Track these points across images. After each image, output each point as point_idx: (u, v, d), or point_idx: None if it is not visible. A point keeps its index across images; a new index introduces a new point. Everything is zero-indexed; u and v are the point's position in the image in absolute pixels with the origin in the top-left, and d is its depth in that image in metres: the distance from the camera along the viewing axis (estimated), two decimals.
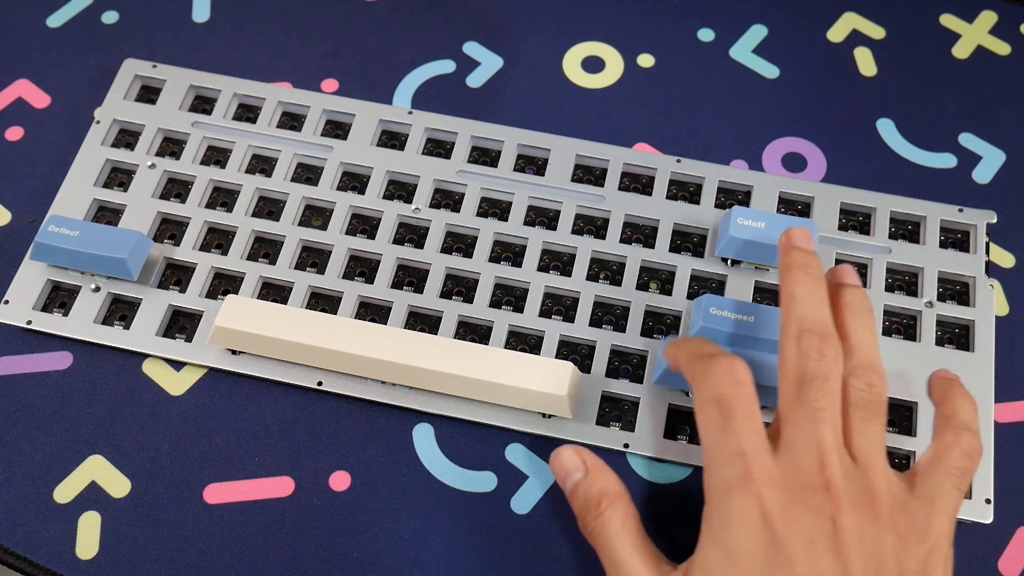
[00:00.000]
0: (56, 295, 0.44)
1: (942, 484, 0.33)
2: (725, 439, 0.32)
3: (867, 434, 0.33)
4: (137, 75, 0.49)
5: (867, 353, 0.35)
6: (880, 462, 0.33)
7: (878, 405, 0.34)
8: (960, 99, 0.49)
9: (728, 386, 0.33)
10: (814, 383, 0.33)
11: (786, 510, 0.31)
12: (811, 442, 0.32)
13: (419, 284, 0.43)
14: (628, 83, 0.50)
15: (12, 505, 0.40)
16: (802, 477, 0.32)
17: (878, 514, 0.32)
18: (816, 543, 0.30)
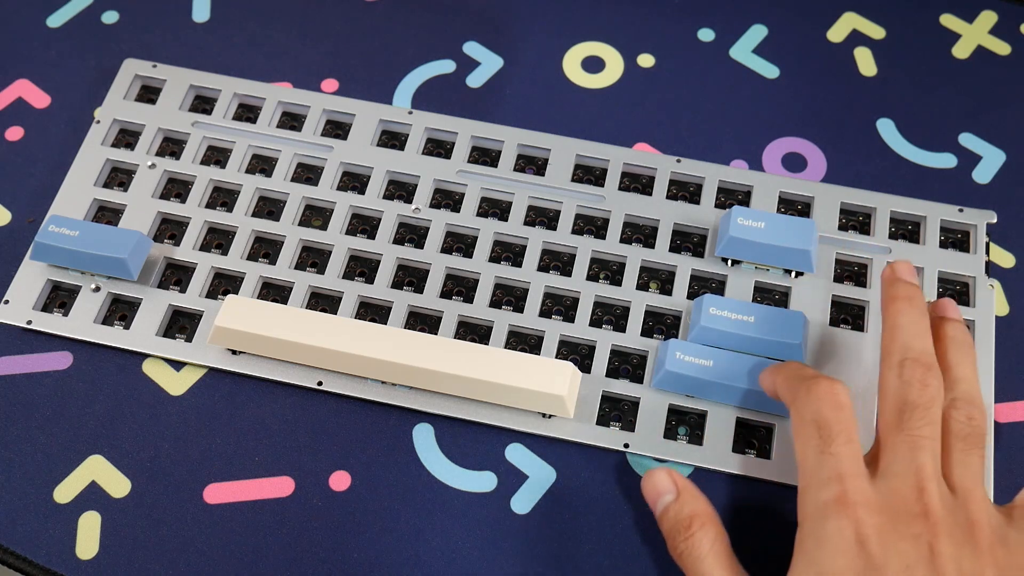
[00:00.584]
0: (56, 295, 0.44)
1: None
2: (823, 461, 0.32)
3: (967, 465, 0.33)
4: (137, 75, 0.49)
5: (968, 387, 0.35)
6: (980, 494, 0.33)
7: (978, 438, 0.34)
8: (960, 99, 0.49)
9: (829, 409, 0.33)
10: (916, 411, 0.33)
11: (883, 535, 0.31)
12: (910, 469, 0.32)
13: (419, 284, 0.43)
14: (628, 83, 0.50)
15: (12, 505, 0.40)
16: (900, 503, 0.31)
17: (977, 545, 0.31)
18: (913, 569, 0.30)
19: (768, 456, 0.39)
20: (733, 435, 0.40)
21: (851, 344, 0.42)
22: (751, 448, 0.40)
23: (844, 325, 0.43)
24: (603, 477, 0.40)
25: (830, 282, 0.43)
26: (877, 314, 0.42)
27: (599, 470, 0.40)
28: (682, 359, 0.39)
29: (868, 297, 0.43)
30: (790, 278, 0.43)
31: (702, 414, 0.40)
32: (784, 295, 0.43)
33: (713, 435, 0.40)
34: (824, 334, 0.42)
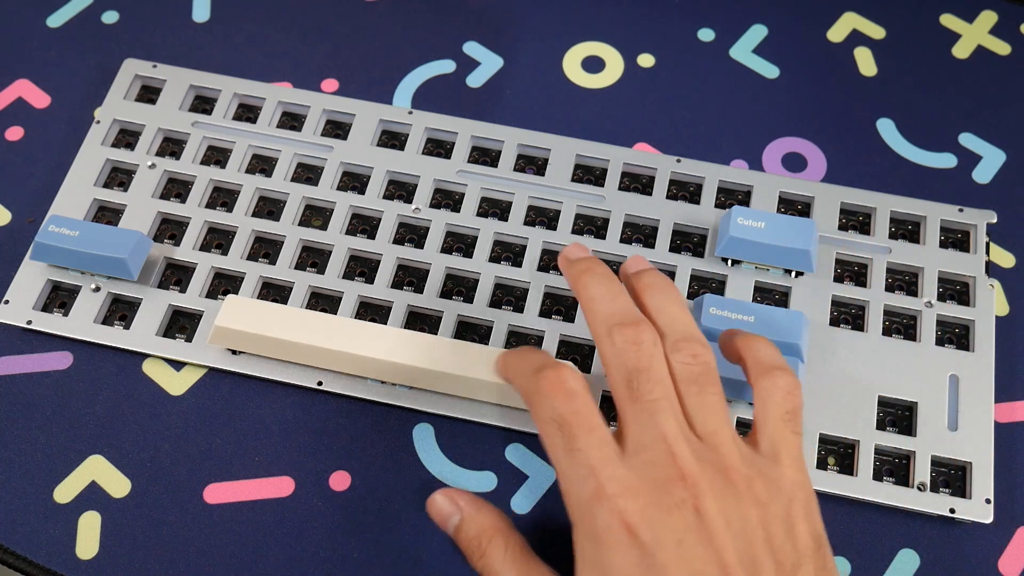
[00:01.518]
0: (56, 295, 0.44)
1: (780, 434, 0.33)
2: (573, 459, 0.31)
3: (705, 407, 0.33)
4: (137, 75, 0.49)
5: (681, 326, 0.34)
6: (726, 432, 0.32)
7: (708, 373, 0.33)
8: (960, 99, 0.49)
9: (562, 402, 0.32)
10: (640, 376, 0.32)
11: (648, 516, 0.30)
12: (656, 436, 0.32)
13: (419, 284, 0.43)
14: (628, 83, 0.50)
15: (12, 505, 0.40)
16: (656, 474, 0.31)
17: (736, 488, 0.31)
18: (685, 541, 0.30)
19: None
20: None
21: (851, 344, 0.42)
22: None
23: (844, 325, 0.43)
24: None
25: (830, 282, 0.43)
26: (877, 314, 0.42)
27: None
28: None
29: (868, 297, 0.43)
30: (790, 278, 0.43)
31: None
32: (784, 295, 0.43)
33: None
34: (824, 334, 0.42)
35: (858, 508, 0.39)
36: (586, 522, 0.31)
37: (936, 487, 0.39)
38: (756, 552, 0.30)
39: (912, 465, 0.39)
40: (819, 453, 0.40)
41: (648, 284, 0.36)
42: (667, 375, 0.33)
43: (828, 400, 0.40)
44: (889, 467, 0.40)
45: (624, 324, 0.33)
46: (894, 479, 0.39)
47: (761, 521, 0.31)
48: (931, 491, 0.39)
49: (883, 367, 0.41)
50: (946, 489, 0.39)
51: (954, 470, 0.40)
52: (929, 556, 0.39)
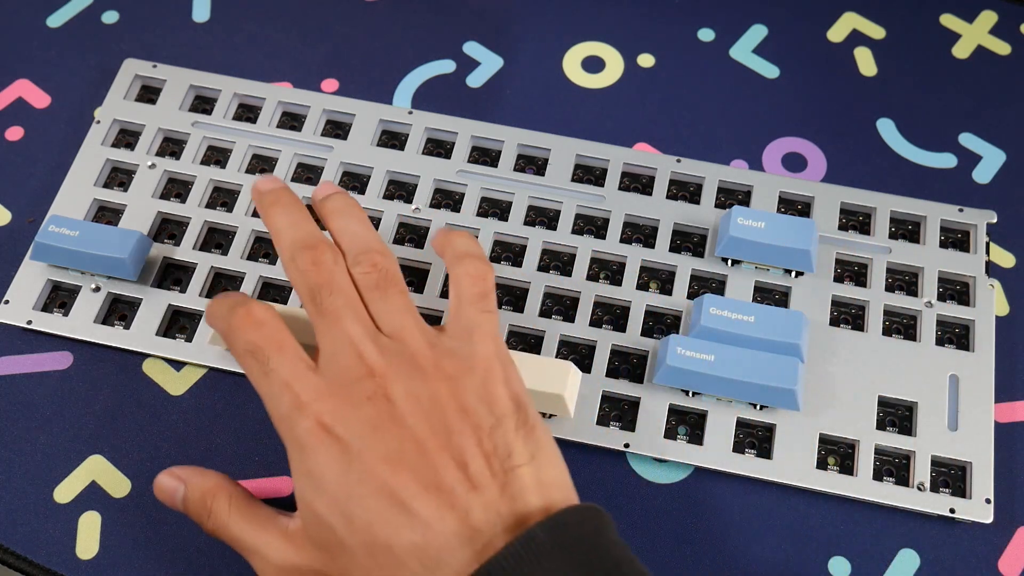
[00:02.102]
0: (56, 295, 0.44)
1: (470, 315, 0.35)
2: (269, 380, 0.33)
3: (389, 308, 0.34)
4: (137, 75, 0.49)
5: (361, 241, 0.36)
6: (410, 324, 0.34)
7: (389, 278, 0.35)
8: (960, 99, 0.49)
9: (252, 331, 0.33)
10: (322, 291, 0.34)
11: (342, 414, 0.32)
12: (343, 341, 0.33)
13: (419, 284, 0.43)
14: (628, 83, 0.50)
15: (12, 505, 0.40)
16: (346, 375, 0.32)
17: (423, 369, 0.33)
18: (378, 428, 0.31)
19: (768, 456, 0.39)
20: (733, 435, 0.40)
21: (851, 344, 0.42)
22: (751, 448, 0.40)
23: (844, 325, 0.43)
24: (603, 477, 0.40)
25: (830, 282, 0.43)
26: (877, 314, 0.42)
27: (599, 470, 0.40)
28: (683, 354, 0.39)
29: (868, 297, 0.43)
30: (790, 278, 0.43)
31: (702, 414, 0.40)
32: (784, 295, 0.43)
33: (713, 435, 0.40)
34: (824, 334, 0.42)
35: (858, 508, 0.39)
36: (290, 434, 0.32)
37: (936, 487, 0.39)
38: (449, 422, 0.32)
39: (912, 465, 0.39)
40: (819, 453, 0.40)
41: (331, 209, 0.38)
42: (349, 286, 0.35)
43: (828, 400, 0.40)
44: (889, 467, 0.40)
45: (305, 247, 0.35)
46: (894, 479, 0.39)
47: (452, 394, 0.32)
48: (931, 491, 0.39)
49: (883, 367, 0.41)
50: (946, 489, 0.39)
51: (954, 470, 0.40)
52: (929, 556, 0.39)
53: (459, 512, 0.30)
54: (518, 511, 0.31)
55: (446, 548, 0.30)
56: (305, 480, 0.32)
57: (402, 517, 0.30)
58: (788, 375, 0.39)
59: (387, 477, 0.31)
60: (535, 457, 0.32)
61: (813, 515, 0.39)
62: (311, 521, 0.32)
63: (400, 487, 0.31)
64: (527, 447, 0.32)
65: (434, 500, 0.30)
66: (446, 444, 0.31)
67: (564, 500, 0.32)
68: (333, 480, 0.31)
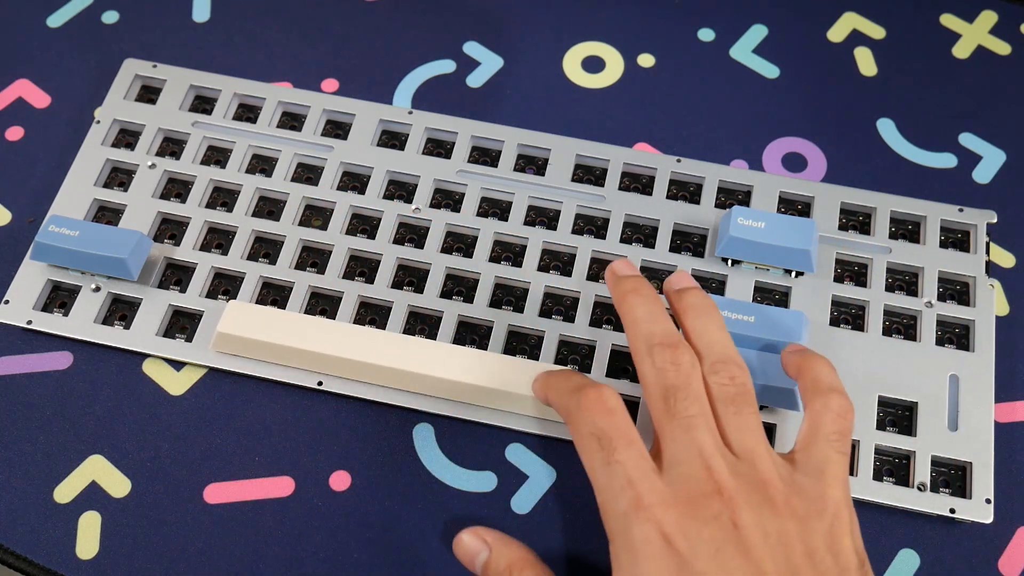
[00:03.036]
0: (56, 295, 0.44)
1: (826, 453, 0.33)
2: (611, 472, 0.32)
3: (742, 426, 0.33)
4: (137, 75, 0.49)
5: (720, 349, 0.35)
6: (762, 449, 0.33)
7: (745, 395, 0.34)
8: (960, 99, 0.49)
9: (602, 417, 0.33)
10: (678, 393, 0.33)
11: (685, 527, 0.31)
12: (692, 451, 0.32)
13: (419, 284, 0.43)
14: (628, 83, 0.50)
15: (12, 505, 0.40)
16: (692, 488, 0.31)
17: (774, 502, 0.32)
18: (722, 551, 0.30)
19: None
20: None
21: (851, 344, 0.42)
22: None
23: (844, 325, 0.43)
24: None
25: (830, 282, 0.43)
26: (877, 314, 0.42)
27: None
28: None
29: (868, 297, 0.43)
30: (790, 278, 0.43)
31: None
32: (784, 295, 0.43)
33: None
34: (824, 334, 0.42)
35: (858, 508, 0.39)
36: (623, 534, 0.31)
37: (936, 487, 0.39)
38: (796, 564, 0.31)
39: (912, 465, 0.39)
40: None
41: (689, 305, 0.36)
42: (703, 394, 0.34)
43: None
44: (889, 467, 0.40)
45: (664, 344, 0.34)
46: (894, 479, 0.39)
47: (800, 536, 0.31)
48: (931, 491, 0.39)
49: (883, 367, 0.41)
50: (946, 489, 0.39)
51: (954, 470, 0.40)
52: (929, 556, 0.39)
53: None
54: None
55: None
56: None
57: None
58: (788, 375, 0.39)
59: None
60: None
61: None
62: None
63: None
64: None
65: None
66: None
67: None
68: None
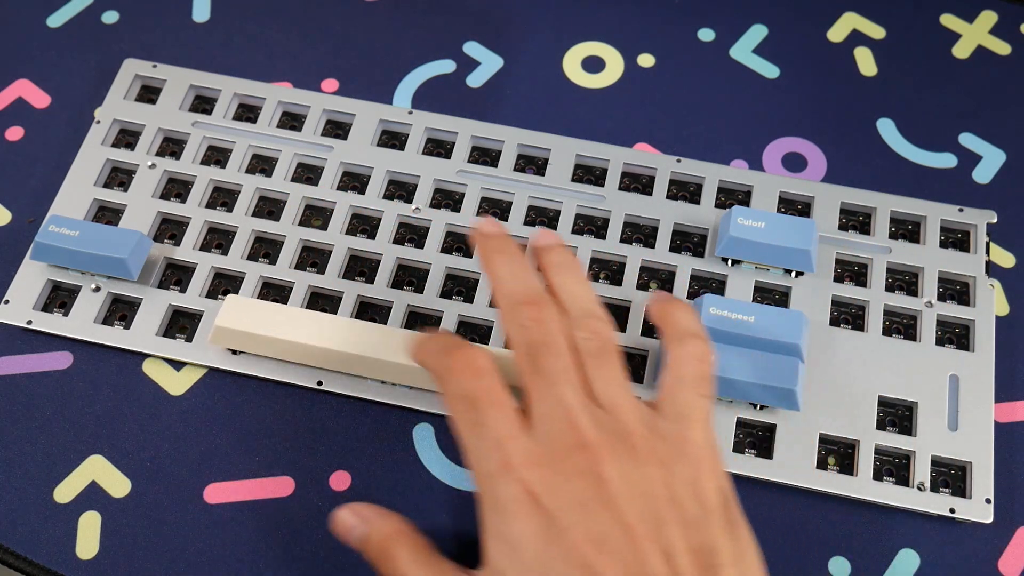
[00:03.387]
0: (56, 295, 0.44)
1: (687, 397, 0.34)
2: (479, 433, 0.32)
3: (605, 378, 0.33)
4: (137, 75, 0.49)
5: (582, 303, 0.35)
6: (625, 399, 0.33)
7: (607, 347, 0.34)
8: (960, 99, 0.49)
9: (470, 380, 0.33)
10: (541, 350, 0.33)
11: (551, 484, 0.31)
12: (556, 407, 0.32)
13: (419, 284, 0.43)
14: (628, 83, 0.50)
15: (12, 505, 0.40)
16: (558, 444, 0.32)
17: (636, 451, 0.32)
18: (587, 505, 0.31)
19: (768, 456, 0.39)
20: (733, 435, 0.40)
21: (851, 344, 0.42)
22: (751, 448, 0.40)
23: (844, 325, 0.43)
24: None
25: (830, 282, 0.43)
26: (877, 314, 0.42)
27: None
28: None
29: (868, 297, 0.43)
30: (790, 278, 0.43)
31: None
32: (784, 295, 0.43)
33: None
34: (824, 334, 0.42)
35: (858, 508, 0.39)
36: (491, 494, 0.31)
37: (936, 487, 0.39)
38: (659, 510, 0.31)
39: (912, 465, 0.39)
40: (819, 453, 0.40)
41: (552, 263, 0.37)
42: (567, 349, 0.34)
43: (828, 400, 0.40)
44: (889, 467, 0.40)
45: (527, 302, 0.34)
46: (894, 479, 0.39)
47: (664, 481, 0.32)
48: (931, 491, 0.39)
49: (883, 367, 0.41)
50: (946, 489, 0.39)
51: (954, 470, 0.40)
52: (929, 556, 0.39)
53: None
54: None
55: None
56: (499, 543, 0.31)
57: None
58: (788, 375, 0.39)
59: (591, 559, 0.30)
60: (740, 560, 0.31)
61: (813, 515, 0.39)
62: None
63: (603, 571, 0.30)
64: (733, 548, 0.31)
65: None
66: (654, 534, 0.30)
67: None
68: (532, 552, 0.30)
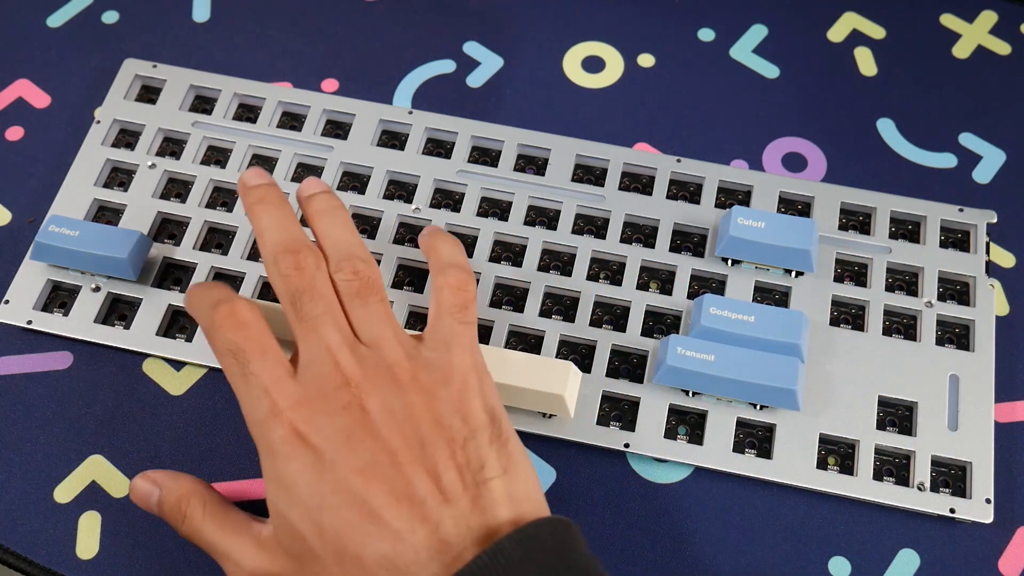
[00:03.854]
0: (56, 295, 0.44)
1: (449, 326, 0.35)
2: (248, 383, 0.33)
3: (368, 317, 0.34)
4: (137, 75, 0.49)
5: (344, 246, 0.36)
6: (389, 334, 0.34)
7: (370, 286, 0.35)
8: (960, 99, 0.49)
9: (235, 332, 0.33)
10: (303, 296, 0.34)
11: (316, 422, 0.32)
12: (320, 350, 0.33)
13: (419, 284, 0.43)
14: (628, 83, 0.50)
15: (12, 505, 0.40)
16: (323, 384, 0.33)
17: (399, 380, 0.33)
18: (352, 437, 0.32)
19: (768, 456, 0.39)
20: (733, 435, 0.40)
21: (851, 344, 0.42)
22: (751, 448, 0.40)
23: (844, 325, 0.43)
24: (603, 477, 0.40)
25: (830, 282, 0.43)
26: (877, 314, 0.42)
27: (599, 470, 0.40)
28: (684, 354, 0.39)
29: (868, 297, 0.43)
30: (790, 278, 0.43)
31: (702, 414, 0.40)
32: (784, 295, 0.43)
33: (713, 435, 0.40)
34: (824, 334, 0.42)
35: (858, 508, 0.39)
36: (264, 439, 0.32)
37: (936, 487, 0.39)
38: (423, 433, 0.32)
39: (912, 465, 0.39)
40: (819, 453, 0.40)
41: (317, 210, 0.38)
42: (329, 292, 0.35)
43: (828, 400, 0.40)
44: (889, 467, 0.40)
45: (287, 251, 0.35)
46: (894, 479, 0.39)
47: (427, 406, 0.33)
48: (931, 491, 0.39)
49: (883, 367, 0.41)
50: (946, 489, 0.39)
51: (954, 470, 0.40)
52: (929, 556, 0.39)
53: (430, 524, 0.30)
54: (488, 524, 0.31)
55: (416, 560, 0.30)
56: (277, 487, 0.32)
57: (373, 528, 0.30)
58: (788, 375, 0.39)
59: (359, 488, 0.31)
60: (507, 471, 0.32)
61: (813, 515, 0.39)
62: (282, 528, 0.32)
63: (371, 498, 0.31)
64: (500, 460, 0.32)
65: (405, 512, 0.31)
66: (419, 456, 0.32)
67: (535, 513, 0.32)
68: (305, 488, 0.31)
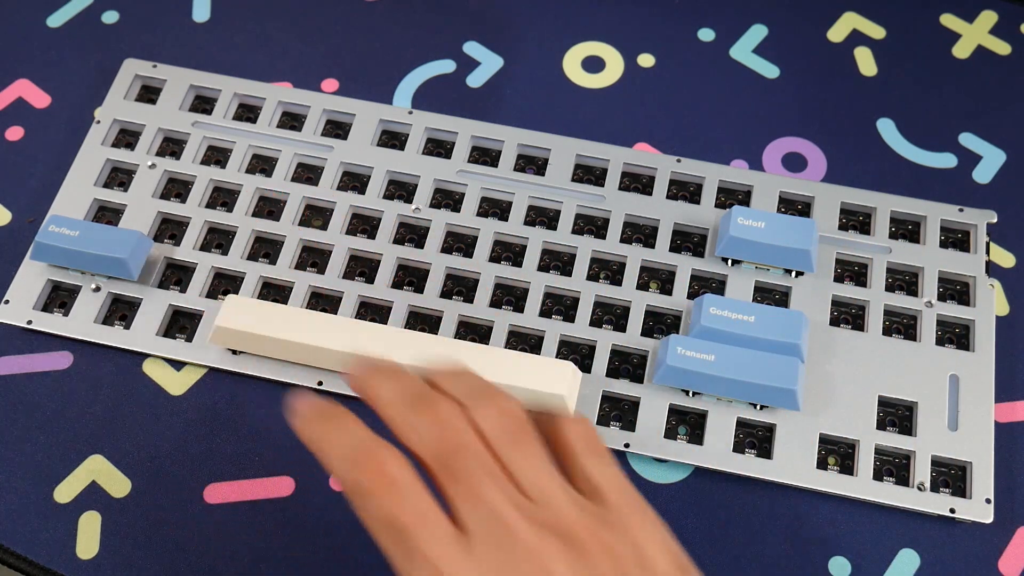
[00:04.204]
0: (56, 295, 0.44)
1: (599, 470, 0.31)
2: (412, 560, 0.29)
3: (528, 464, 0.30)
4: (137, 75, 0.49)
5: (478, 384, 0.32)
6: (556, 488, 0.30)
7: (519, 425, 0.31)
8: (960, 99, 0.49)
9: (388, 498, 0.29)
10: (451, 455, 0.30)
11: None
12: (487, 515, 0.29)
13: (419, 284, 0.43)
14: (628, 83, 0.50)
15: (12, 505, 0.40)
16: (499, 555, 0.29)
17: (583, 544, 0.29)
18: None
19: (768, 456, 0.39)
20: (733, 435, 0.40)
21: (851, 344, 0.42)
22: (751, 448, 0.40)
23: (844, 325, 0.43)
24: None
25: (830, 282, 0.43)
26: (877, 314, 0.42)
27: None
28: (684, 354, 0.39)
29: (868, 297, 0.43)
30: (790, 278, 0.43)
31: (702, 414, 0.40)
32: (784, 295, 0.43)
33: (713, 435, 0.40)
34: (824, 334, 0.42)
35: (858, 508, 0.39)
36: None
37: (936, 487, 0.39)
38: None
39: (912, 465, 0.39)
40: (819, 453, 0.40)
41: (436, 369, 0.34)
42: (477, 443, 0.30)
43: (828, 400, 0.40)
44: (889, 467, 0.40)
45: (419, 401, 0.31)
46: (894, 479, 0.39)
47: (615, 567, 0.29)
48: (931, 491, 0.39)
49: (883, 367, 0.41)
50: (946, 489, 0.39)
51: (954, 470, 0.40)
52: (929, 556, 0.39)
53: None
54: None
55: None
56: None
57: None
58: (788, 375, 0.39)
59: None
60: None
61: (813, 515, 0.39)
62: None
63: None
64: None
65: None
66: None
67: None
68: None
